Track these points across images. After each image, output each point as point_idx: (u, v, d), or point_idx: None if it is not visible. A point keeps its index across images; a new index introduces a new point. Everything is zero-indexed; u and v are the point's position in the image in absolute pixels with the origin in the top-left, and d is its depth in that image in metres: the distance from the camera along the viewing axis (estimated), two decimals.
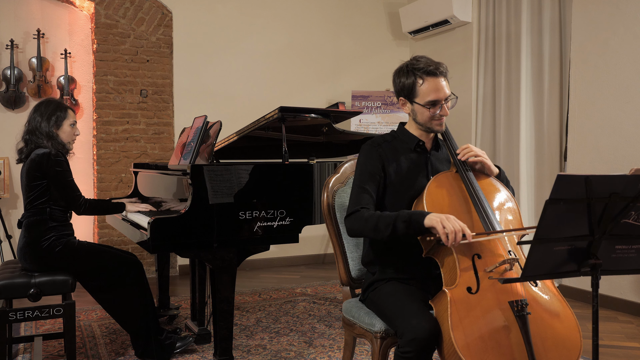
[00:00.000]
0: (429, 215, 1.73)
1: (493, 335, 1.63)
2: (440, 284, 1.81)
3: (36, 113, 2.79)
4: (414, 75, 1.93)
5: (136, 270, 2.81)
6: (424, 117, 1.95)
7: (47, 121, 2.76)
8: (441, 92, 1.91)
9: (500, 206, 1.92)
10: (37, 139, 2.74)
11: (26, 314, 2.57)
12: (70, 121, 2.83)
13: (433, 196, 1.86)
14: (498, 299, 1.68)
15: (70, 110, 2.85)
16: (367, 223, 1.84)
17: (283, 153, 2.85)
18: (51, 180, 2.69)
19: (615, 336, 3.34)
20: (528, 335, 1.61)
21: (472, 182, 1.89)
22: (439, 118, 1.94)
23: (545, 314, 1.70)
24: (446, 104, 1.93)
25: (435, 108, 1.92)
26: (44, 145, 2.71)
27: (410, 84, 1.94)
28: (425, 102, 1.92)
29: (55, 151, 2.70)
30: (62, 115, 2.80)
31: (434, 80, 1.92)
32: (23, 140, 2.79)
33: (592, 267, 1.45)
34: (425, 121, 1.96)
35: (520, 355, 1.60)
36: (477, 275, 1.73)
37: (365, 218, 1.85)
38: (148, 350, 2.80)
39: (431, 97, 1.91)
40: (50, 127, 2.76)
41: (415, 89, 1.93)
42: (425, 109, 1.93)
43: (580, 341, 1.69)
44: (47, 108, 2.80)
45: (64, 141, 2.81)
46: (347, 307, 2.13)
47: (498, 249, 1.79)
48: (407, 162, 1.99)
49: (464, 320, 1.64)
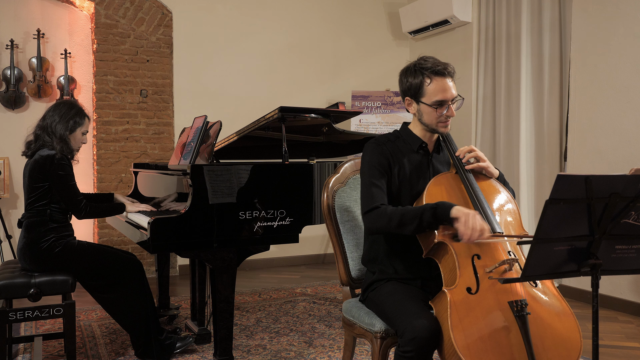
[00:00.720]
0: (457, 207, 1.73)
1: (493, 336, 1.63)
2: (440, 285, 1.81)
3: (55, 111, 2.78)
4: (421, 75, 1.93)
5: (136, 270, 2.81)
6: (430, 117, 1.95)
7: (64, 123, 2.75)
8: (448, 93, 1.91)
9: (500, 207, 1.92)
10: (47, 137, 2.73)
11: (26, 314, 2.57)
12: (83, 129, 2.83)
13: (432, 197, 1.86)
14: (498, 299, 1.68)
15: (87, 119, 2.85)
16: (391, 219, 1.81)
17: (283, 153, 2.85)
18: (53, 184, 2.68)
19: (615, 336, 3.34)
20: (528, 336, 1.61)
21: (471, 183, 1.89)
22: (445, 119, 1.94)
23: (545, 314, 1.70)
24: (452, 105, 1.93)
25: (442, 108, 1.92)
26: (52, 146, 2.70)
27: (417, 83, 1.94)
28: (432, 102, 1.92)
29: (61, 155, 2.69)
30: (79, 122, 2.80)
31: (442, 80, 1.92)
32: (34, 134, 2.78)
33: (592, 267, 1.45)
34: (431, 122, 1.96)
35: (520, 355, 1.60)
36: (476, 276, 1.73)
37: (388, 214, 1.82)
38: (148, 350, 2.80)
39: (438, 97, 1.91)
40: (65, 130, 2.75)
41: (423, 88, 1.93)
42: (432, 109, 1.93)
43: (580, 341, 1.69)
44: (69, 111, 2.79)
45: (72, 147, 2.80)
46: (347, 307, 2.13)
47: (498, 249, 1.79)
48: (409, 163, 1.99)
49: (464, 320, 1.64)
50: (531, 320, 1.65)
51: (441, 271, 1.81)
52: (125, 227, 2.97)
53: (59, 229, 2.72)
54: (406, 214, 1.79)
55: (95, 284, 2.78)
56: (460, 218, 1.69)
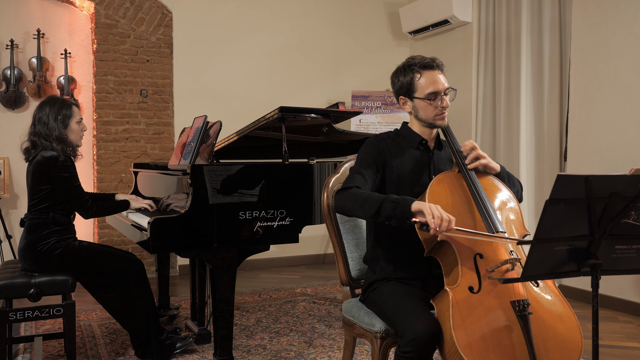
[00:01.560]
0: (418, 201, 1.73)
1: (495, 335, 1.63)
2: (440, 284, 1.81)
3: (41, 113, 2.71)
4: (411, 72, 1.96)
5: (136, 270, 2.81)
6: (426, 111, 1.96)
7: (54, 122, 2.68)
8: (439, 84, 1.94)
9: (503, 206, 1.92)
10: (44, 142, 2.67)
11: (26, 314, 2.57)
12: (76, 118, 2.77)
13: (435, 195, 1.86)
14: (500, 299, 1.68)
15: (74, 107, 2.79)
16: (356, 200, 1.83)
17: (283, 153, 2.85)
18: (57, 186, 2.65)
19: (615, 336, 3.34)
20: (529, 335, 1.61)
21: (474, 181, 1.89)
22: (441, 112, 1.96)
23: (547, 314, 1.70)
24: (446, 96, 1.94)
25: (436, 100, 1.94)
26: (53, 148, 2.65)
27: (408, 80, 1.97)
28: (425, 95, 1.94)
29: (64, 156, 2.65)
30: (68, 114, 2.73)
31: (431, 73, 1.95)
32: (30, 141, 2.72)
33: (592, 267, 1.45)
34: (428, 116, 1.97)
35: (521, 355, 1.60)
36: (479, 275, 1.73)
37: (355, 195, 1.84)
38: (148, 350, 2.80)
39: (430, 89, 1.93)
40: (59, 128, 2.69)
41: (414, 84, 1.95)
42: (426, 102, 1.94)
43: (581, 341, 1.69)
44: (52, 107, 2.71)
45: (73, 142, 2.76)
46: (347, 307, 2.13)
47: (500, 249, 1.79)
48: (410, 159, 2.00)
49: (466, 320, 1.64)
50: (533, 320, 1.65)
51: (443, 270, 1.81)
52: (125, 227, 2.97)
53: (61, 232, 2.70)
54: (369, 199, 1.80)
55: (96, 284, 2.78)
56: (424, 210, 1.68)
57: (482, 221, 1.81)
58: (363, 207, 1.80)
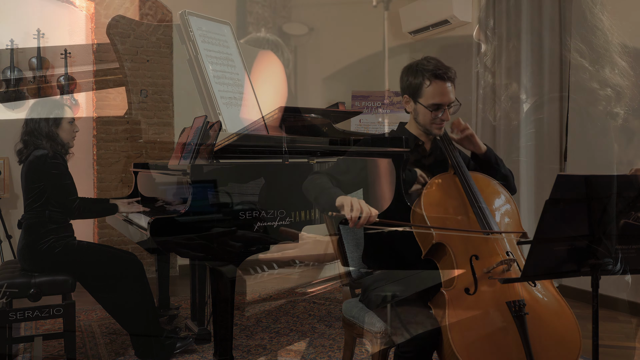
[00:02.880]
0: (342, 195, 1.76)
1: (491, 336, 1.63)
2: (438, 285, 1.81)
3: (33, 113, 2.76)
4: (422, 76, 1.94)
5: (136, 270, 2.81)
6: (425, 118, 1.96)
7: (45, 121, 2.72)
8: (446, 97, 1.92)
9: (498, 208, 1.92)
10: (36, 140, 2.71)
11: (26, 314, 2.57)
12: (68, 119, 2.80)
13: (430, 197, 1.86)
14: (496, 299, 1.68)
15: (67, 107, 2.81)
16: (313, 186, 1.90)
17: (283, 153, 2.85)
18: (47, 183, 2.67)
19: (615, 336, 3.33)
20: (526, 336, 1.61)
21: (470, 183, 1.89)
22: (439, 122, 1.95)
23: (544, 314, 1.70)
24: (449, 109, 1.94)
25: (438, 112, 1.93)
26: (43, 147, 2.69)
27: (417, 84, 1.95)
28: (428, 104, 1.93)
29: (53, 153, 2.68)
30: (59, 113, 2.77)
31: (441, 84, 1.92)
32: (22, 141, 2.77)
33: (592, 267, 1.45)
34: (426, 123, 1.97)
35: (518, 355, 1.60)
36: (475, 277, 1.73)
37: (315, 181, 1.91)
38: (148, 350, 2.80)
39: (435, 100, 1.92)
40: (49, 126, 2.72)
41: (421, 89, 1.94)
42: (428, 111, 1.94)
43: (579, 341, 1.69)
44: (44, 107, 2.76)
45: (64, 141, 2.78)
46: (347, 307, 2.13)
47: (496, 249, 1.79)
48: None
49: (462, 321, 1.64)
50: (529, 320, 1.64)
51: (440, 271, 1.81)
52: (125, 227, 2.97)
53: (59, 230, 2.71)
54: (317, 187, 1.87)
55: (96, 284, 2.78)
56: (344, 204, 1.69)
57: (478, 222, 1.81)
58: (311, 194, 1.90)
